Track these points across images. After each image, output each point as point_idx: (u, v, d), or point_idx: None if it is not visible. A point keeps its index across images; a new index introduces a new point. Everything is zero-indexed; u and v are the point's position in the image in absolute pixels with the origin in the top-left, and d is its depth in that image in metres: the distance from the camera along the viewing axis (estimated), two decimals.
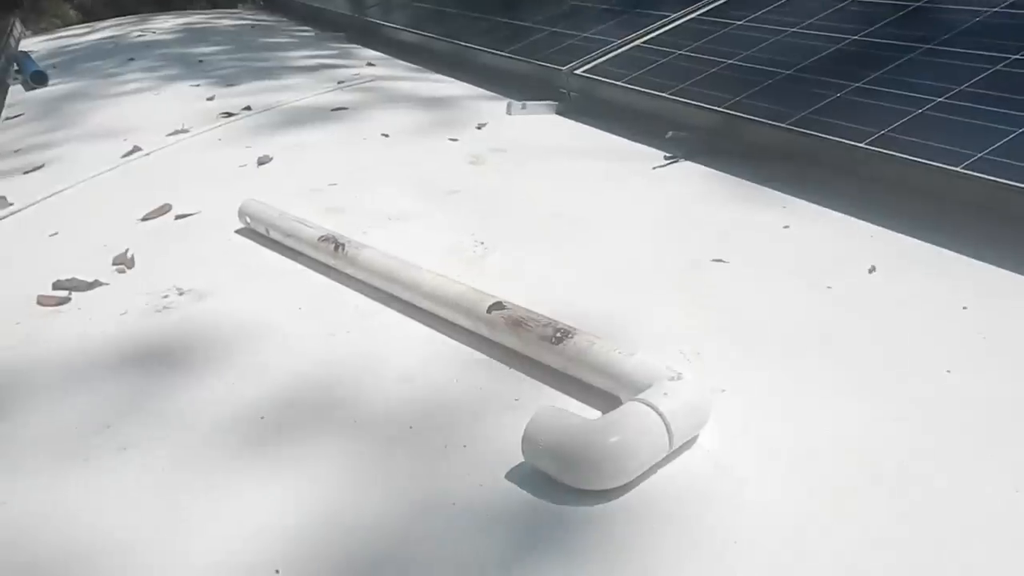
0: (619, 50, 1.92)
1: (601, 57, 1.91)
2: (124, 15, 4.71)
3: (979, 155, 1.11)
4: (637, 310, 0.97)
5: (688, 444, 0.71)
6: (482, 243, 1.18)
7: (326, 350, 0.93)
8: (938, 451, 0.69)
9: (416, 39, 2.72)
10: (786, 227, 1.16)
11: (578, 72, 1.88)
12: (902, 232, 1.12)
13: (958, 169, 1.10)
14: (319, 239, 1.14)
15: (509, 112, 1.90)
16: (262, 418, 0.81)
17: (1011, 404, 0.74)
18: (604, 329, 0.85)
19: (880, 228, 1.14)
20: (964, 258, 1.03)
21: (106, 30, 3.95)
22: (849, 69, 1.45)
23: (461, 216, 1.29)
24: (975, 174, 1.08)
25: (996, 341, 0.85)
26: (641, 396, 0.70)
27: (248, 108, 2.04)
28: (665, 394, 0.69)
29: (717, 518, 0.63)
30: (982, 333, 0.86)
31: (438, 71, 2.47)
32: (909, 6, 1.60)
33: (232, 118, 1.97)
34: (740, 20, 1.82)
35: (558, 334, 0.83)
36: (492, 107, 1.97)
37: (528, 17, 2.41)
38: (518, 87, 2.07)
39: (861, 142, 1.23)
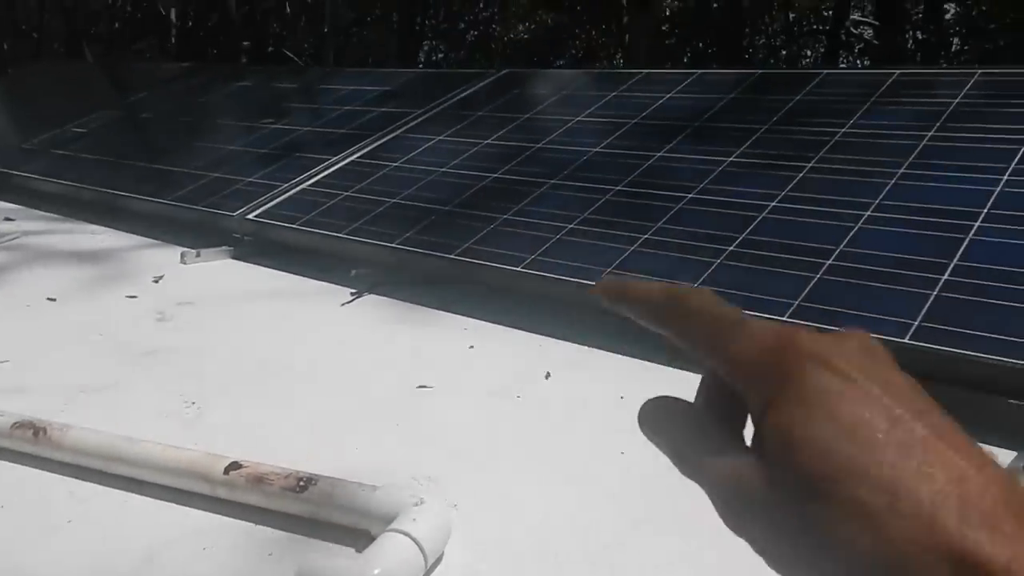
0: (287, 193, 2.03)
1: (271, 201, 2.00)
2: None
3: (608, 270, 1.39)
4: (363, 446, 1.07)
5: (439, 560, 0.82)
6: (193, 403, 1.20)
7: (46, 549, 0.90)
8: (629, 518, 0.88)
9: (61, 188, 2.58)
10: (471, 347, 1.35)
11: (250, 217, 1.96)
12: (564, 339, 1.36)
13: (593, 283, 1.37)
14: (13, 427, 1.08)
15: (184, 261, 1.91)
16: None
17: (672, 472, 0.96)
18: (339, 469, 0.94)
19: (546, 338, 1.37)
20: (615, 356, 1.28)
21: None
22: (496, 203, 1.71)
23: (164, 378, 1.30)
24: None
25: None
26: (393, 526, 0.80)
27: None
28: (414, 520, 0.80)
29: None
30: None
31: (91, 221, 2.37)
32: (532, 147, 1.93)
33: None
34: (395, 162, 2.04)
35: (301, 483, 0.90)
36: (163, 257, 1.96)
37: (188, 163, 2.43)
38: (186, 234, 2.08)
39: (518, 266, 1.47)
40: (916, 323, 1.11)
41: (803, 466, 0.27)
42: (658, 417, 0.35)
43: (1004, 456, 0.95)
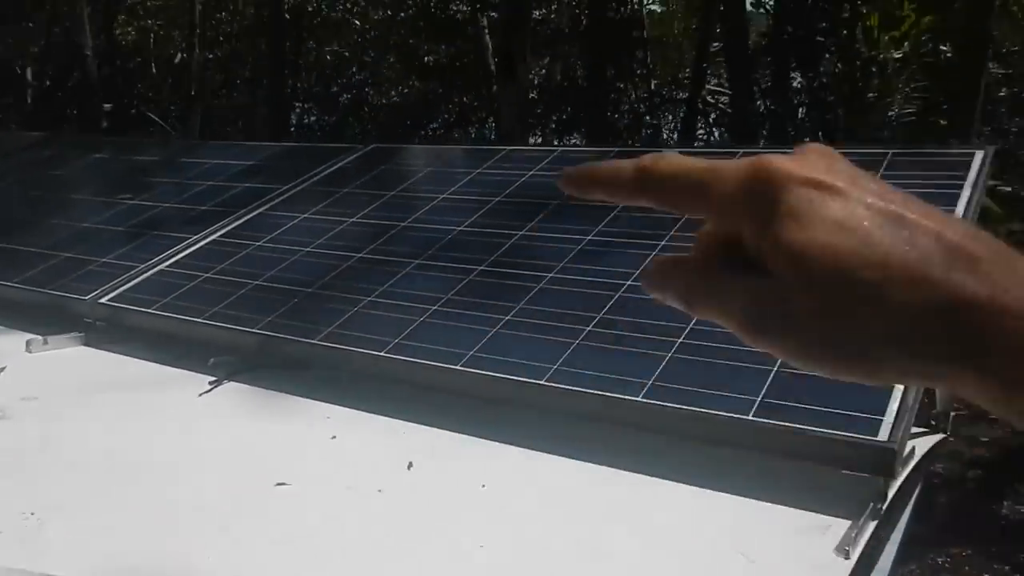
0: (144, 275, 1.96)
1: (126, 284, 1.93)
2: None
3: (471, 353, 1.41)
4: (222, 549, 1.03)
5: None
6: (32, 514, 1.13)
7: None
8: None
9: None
10: (333, 438, 1.33)
11: (103, 301, 1.88)
12: (428, 425, 1.36)
13: (457, 367, 1.38)
14: None
15: (30, 350, 1.80)
16: None
17: (542, 552, 0.98)
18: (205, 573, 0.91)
19: (410, 424, 1.37)
20: (478, 441, 1.29)
21: None
22: (360, 284, 1.71)
23: (8, 492, 1.21)
24: (470, 370, 1.37)
25: (513, 512, 1.10)
26: None
27: None
28: None
29: None
30: (501, 506, 1.11)
31: None
32: (397, 225, 1.95)
33: None
34: (258, 241, 2.01)
35: None
36: (6, 345, 1.84)
37: (38, 242, 2.31)
38: (34, 320, 1.97)
39: (382, 350, 1.48)
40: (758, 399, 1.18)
41: (810, 266, 0.31)
42: (663, 270, 0.38)
43: (839, 526, 1.02)
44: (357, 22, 10.71)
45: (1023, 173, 6.52)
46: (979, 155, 1.67)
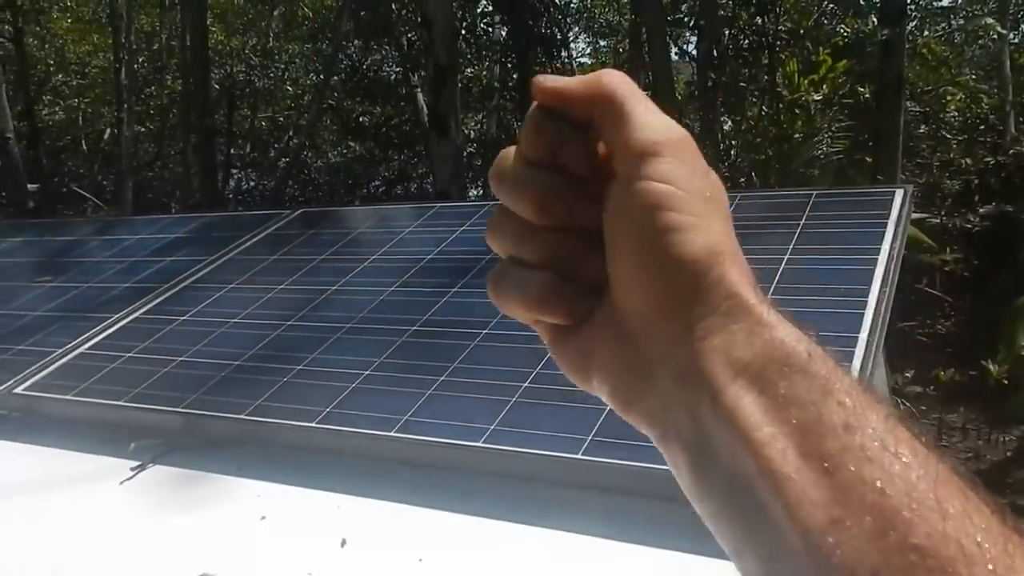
0: (62, 359, 1.87)
1: (43, 370, 1.84)
2: None
3: (405, 418, 1.36)
4: None
5: None
6: None
7: None
8: None
9: None
10: (263, 518, 1.26)
11: (18, 391, 1.78)
12: (361, 495, 1.30)
13: (390, 433, 1.33)
14: None
15: None
16: None
17: None
18: None
19: (343, 496, 1.31)
20: (414, 510, 1.24)
21: None
22: (289, 354, 1.65)
23: None
24: (404, 436, 1.32)
25: None
26: None
27: None
28: None
29: None
30: None
31: None
32: (326, 291, 1.90)
33: None
34: (182, 316, 1.94)
35: None
36: None
37: None
38: None
39: (312, 421, 1.42)
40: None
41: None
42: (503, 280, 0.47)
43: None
44: (289, 87, 10.73)
45: (950, 205, 6.75)
46: (899, 193, 1.70)
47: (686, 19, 9.00)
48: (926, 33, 11.03)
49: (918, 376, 5.60)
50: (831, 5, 8.70)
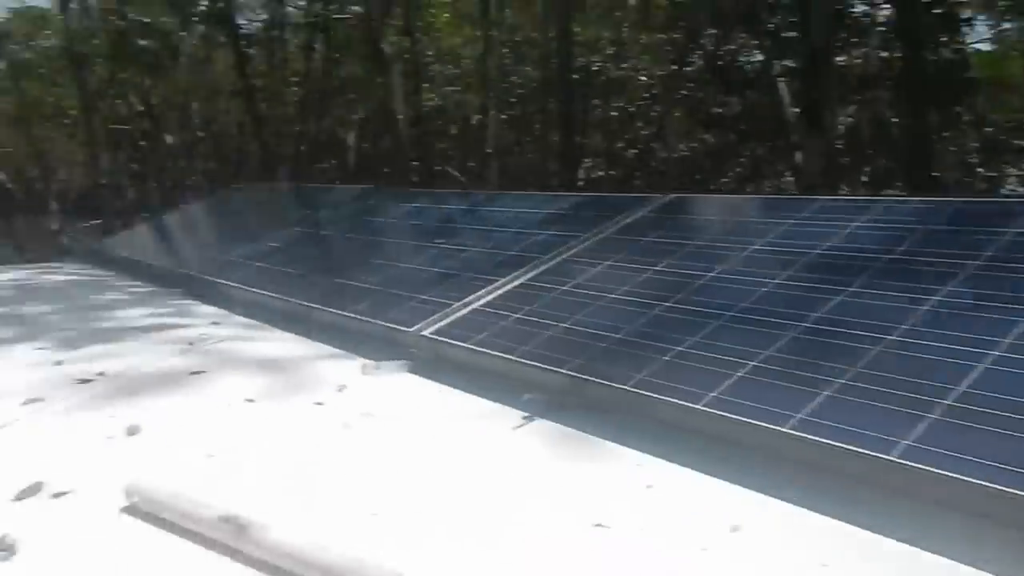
0: (459, 312, 2.09)
1: (444, 319, 2.07)
2: None
3: (800, 416, 1.31)
4: None
5: None
6: (375, 515, 1.23)
7: None
8: None
9: (256, 297, 2.79)
10: (649, 487, 1.31)
11: (425, 334, 2.03)
12: (755, 489, 1.27)
13: (786, 430, 1.29)
14: (219, 519, 1.15)
15: (364, 372, 1.99)
16: None
17: None
18: None
19: (730, 484, 1.29)
20: (809, 513, 1.19)
21: None
22: (669, 334, 1.68)
23: (349, 492, 1.33)
24: (807, 436, 1.26)
25: None
26: None
27: (102, 374, 2.01)
28: None
29: None
30: None
31: (279, 328, 2.54)
32: (703, 276, 1.91)
33: (88, 383, 1.93)
34: (562, 286, 2.07)
35: None
36: (344, 367, 2.06)
37: (363, 279, 2.58)
38: (363, 345, 2.18)
39: (698, 403, 1.43)
40: None
41: None
42: None
43: None
44: (643, 78, 10.90)
45: None
46: None
47: None
48: None
49: None
50: None
